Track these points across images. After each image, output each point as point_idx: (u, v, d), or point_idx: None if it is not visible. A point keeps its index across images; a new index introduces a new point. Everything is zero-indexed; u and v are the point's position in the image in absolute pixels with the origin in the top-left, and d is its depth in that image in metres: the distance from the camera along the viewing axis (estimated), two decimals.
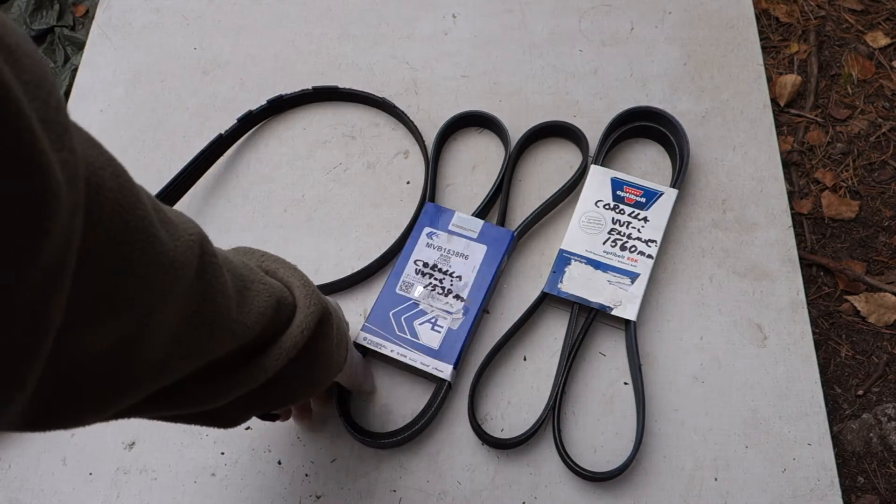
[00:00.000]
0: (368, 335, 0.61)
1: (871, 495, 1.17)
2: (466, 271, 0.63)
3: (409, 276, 0.63)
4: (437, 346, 0.60)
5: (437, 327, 0.61)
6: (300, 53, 0.78)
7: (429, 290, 0.62)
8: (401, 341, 0.60)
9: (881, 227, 1.39)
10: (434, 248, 0.64)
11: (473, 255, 0.64)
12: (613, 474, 0.57)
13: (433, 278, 0.63)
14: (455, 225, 0.65)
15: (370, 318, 0.62)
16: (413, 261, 0.63)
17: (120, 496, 0.59)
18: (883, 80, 1.52)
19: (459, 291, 0.62)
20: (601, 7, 0.80)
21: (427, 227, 0.65)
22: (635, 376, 0.61)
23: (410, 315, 0.61)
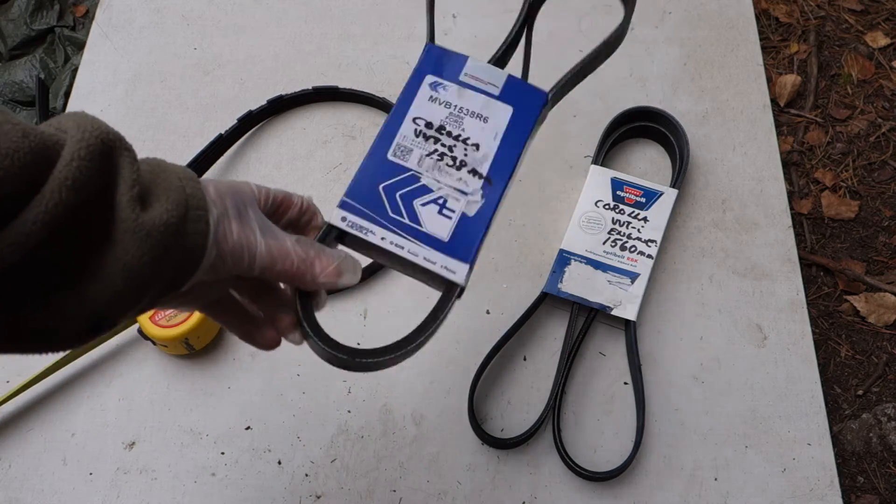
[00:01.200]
0: (349, 214, 0.43)
1: (871, 495, 1.17)
2: (486, 139, 0.47)
3: (407, 138, 0.46)
4: (447, 237, 0.44)
5: (446, 210, 0.45)
6: (300, 53, 0.78)
7: (434, 160, 0.46)
8: (396, 226, 0.43)
9: (881, 227, 1.39)
10: (440, 104, 0.47)
11: (495, 117, 0.48)
12: (613, 474, 0.57)
13: (440, 143, 0.46)
14: (469, 75, 0.48)
15: (351, 191, 0.44)
16: (412, 119, 0.46)
17: (120, 496, 0.59)
18: (883, 80, 1.52)
19: (477, 165, 0.46)
20: (601, 7, 0.80)
21: (430, 76, 0.48)
22: (635, 376, 0.61)
23: (408, 191, 0.45)
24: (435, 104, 0.47)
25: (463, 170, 0.46)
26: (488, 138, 0.47)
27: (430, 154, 0.45)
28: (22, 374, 0.62)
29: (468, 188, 0.45)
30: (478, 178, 0.46)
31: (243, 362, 0.63)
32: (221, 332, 0.64)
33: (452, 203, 0.45)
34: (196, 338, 0.61)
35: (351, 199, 0.44)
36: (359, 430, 0.61)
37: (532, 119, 0.48)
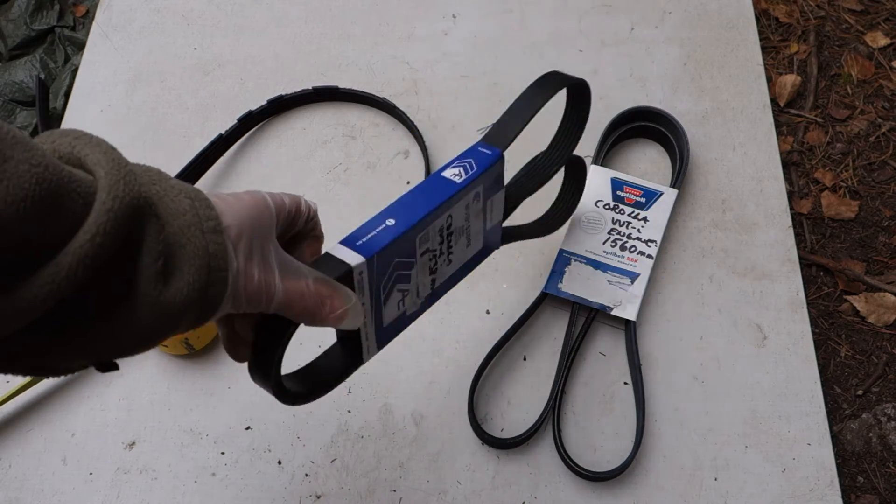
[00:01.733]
0: (366, 272, 0.43)
1: (871, 495, 1.17)
2: (456, 260, 0.51)
3: (434, 230, 0.47)
4: (386, 324, 0.47)
5: (401, 303, 0.47)
6: (300, 53, 0.78)
7: (427, 258, 0.47)
8: (375, 298, 0.44)
9: (881, 227, 1.39)
10: (464, 215, 0.49)
11: (474, 244, 0.52)
12: (613, 474, 0.57)
13: (440, 247, 0.48)
14: (491, 200, 0.51)
15: (382, 254, 0.43)
16: (448, 215, 0.47)
17: (120, 496, 0.59)
18: (882, 80, 1.52)
19: (437, 278, 0.50)
20: (601, 7, 0.80)
21: (482, 185, 0.49)
22: (635, 376, 0.61)
23: (400, 275, 0.46)
24: (464, 212, 0.48)
25: (432, 275, 0.48)
26: (457, 262, 0.50)
27: (428, 252, 0.47)
28: None
29: (421, 294, 0.48)
30: (430, 287, 0.49)
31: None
32: None
33: (408, 299, 0.47)
34: (196, 338, 0.61)
35: (376, 262, 0.43)
36: (359, 430, 0.61)
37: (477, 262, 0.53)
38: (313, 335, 0.64)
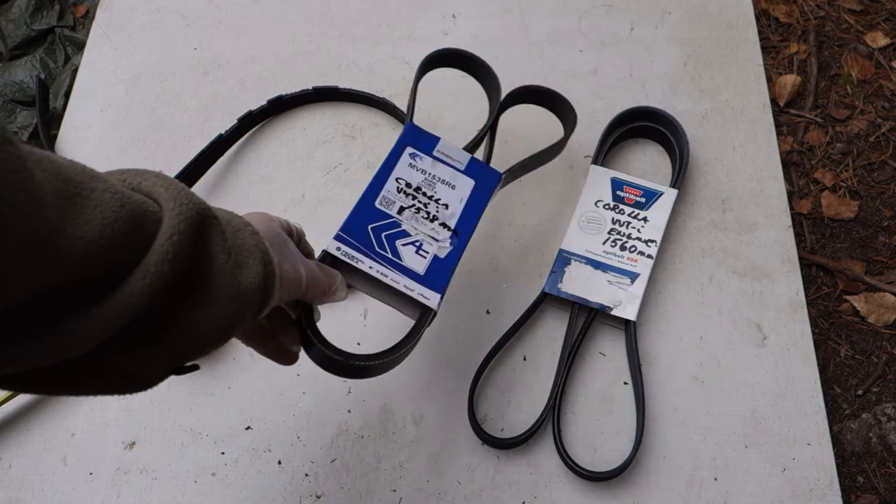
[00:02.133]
0: (343, 246, 0.52)
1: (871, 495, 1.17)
2: (453, 201, 0.57)
3: (391, 192, 0.56)
4: (423, 272, 0.53)
5: (422, 251, 0.54)
6: (300, 53, 0.78)
7: (412, 212, 0.56)
8: (382, 259, 0.53)
9: (881, 227, 1.39)
10: (417, 170, 0.58)
11: (461, 186, 0.58)
12: (613, 474, 0.57)
13: (417, 200, 0.57)
14: (440, 152, 0.59)
15: (345, 227, 0.53)
16: (395, 178, 0.57)
17: (120, 496, 0.59)
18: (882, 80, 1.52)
19: (447, 220, 0.56)
20: (601, 7, 0.80)
21: (410, 148, 0.59)
22: (635, 376, 0.61)
23: (392, 234, 0.54)
24: (413, 170, 0.58)
25: (435, 222, 0.56)
26: (455, 201, 0.58)
27: (409, 207, 0.56)
28: None
29: (439, 236, 0.56)
30: (447, 230, 0.56)
31: (243, 362, 0.63)
32: None
33: (427, 246, 0.55)
34: None
35: (345, 234, 0.53)
36: (359, 430, 0.61)
37: (490, 190, 0.59)
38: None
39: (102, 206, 0.30)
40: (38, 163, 0.28)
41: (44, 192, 0.28)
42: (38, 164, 0.28)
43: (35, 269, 0.27)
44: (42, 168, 0.28)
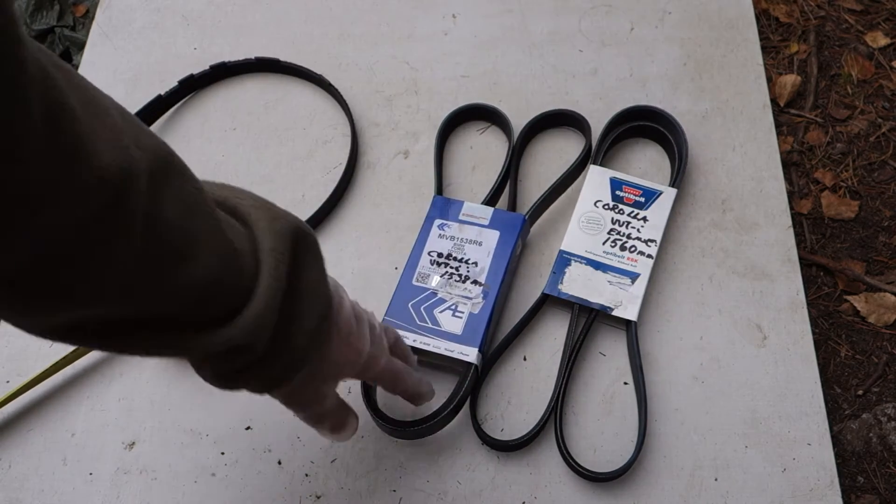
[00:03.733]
0: (389, 326, 0.60)
1: (871, 495, 1.17)
2: (482, 256, 0.63)
3: (425, 267, 0.63)
4: (461, 332, 0.60)
5: (458, 313, 0.61)
6: (300, 53, 0.78)
7: (445, 279, 0.62)
8: (423, 330, 0.60)
9: (881, 227, 1.39)
10: (447, 239, 0.64)
11: (487, 240, 0.64)
12: (616, 474, 0.57)
13: (449, 267, 0.63)
14: (465, 214, 0.65)
15: (389, 311, 0.61)
16: (427, 252, 0.64)
17: (120, 496, 0.59)
18: (883, 80, 1.52)
19: (477, 276, 0.62)
20: (601, 7, 0.80)
21: (438, 219, 0.65)
22: (636, 376, 0.61)
23: (430, 304, 0.61)
24: (443, 239, 0.65)
25: (467, 282, 0.62)
26: (483, 256, 0.63)
27: (443, 275, 0.63)
28: (22, 375, 0.62)
29: (472, 294, 0.62)
30: (478, 285, 0.62)
31: None
32: None
33: (461, 307, 0.61)
34: None
35: (390, 317, 0.61)
36: (359, 431, 0.61)
37: (515, 235, 0.64)
38: None
39: (192, 275, 0.33)
40: (151, 226, 0.31)
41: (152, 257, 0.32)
42: (150, 227, 0.31)
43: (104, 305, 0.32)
44: (151, 231, 0.31)
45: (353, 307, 0.46)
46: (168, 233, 0.32)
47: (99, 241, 0.29)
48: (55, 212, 0.27)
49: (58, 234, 0.27)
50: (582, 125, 0.70)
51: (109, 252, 0.29)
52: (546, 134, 0.73)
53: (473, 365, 0.59)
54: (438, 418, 0.57)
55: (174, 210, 0.32)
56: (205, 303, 0.35)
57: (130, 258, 0.30)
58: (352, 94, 0.75)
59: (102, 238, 0.29)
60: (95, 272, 0.30)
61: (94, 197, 0.28)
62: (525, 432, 0.59)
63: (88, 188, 0.27)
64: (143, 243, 0.31)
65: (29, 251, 0.27)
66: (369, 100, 0.75)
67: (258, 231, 0.38)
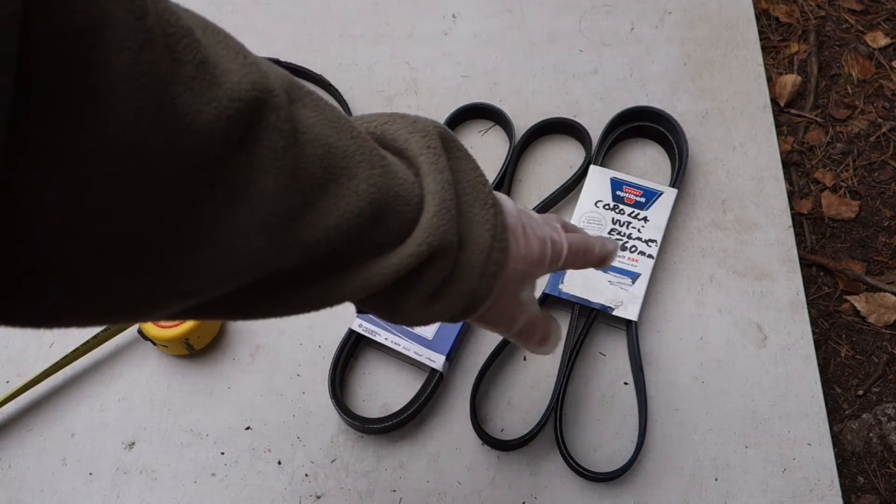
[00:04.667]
0: (364, 322, 0.61)
1: (871, 495, 1.17)
2: None
3: None
4: (431, 337, 0.61)
5: None
6: (300, 53, 0.78)
7: None
8: (395, 330, 0.61)
9: (881, 227, 1.39)
10: None
11: None
12: (616, 474, 0.57)
13: None
14: None
15: None
16: None
17: (120, 496, 0.59)
18: (883, 80, 1.52)
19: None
20: (601, 7, 0.80)
21: None
22: (637, 376, 0.61)
23: None
24: None
25: None
26: None
27: None
28: (22, 375, 0.62)
29: None
30: None
31: (243, 362, 0.63)
32: (221, 332, 0.64)
33: None
34: (196, 338, 0.61)
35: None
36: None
37: None
38: (314, 335, 0.64)
39: (351, 197, 0.29)
40: (308, 144, 0.28)
41: (300, 179, 0.27)
42: (308, 145, 0.28)
43: (264, 254, 0.27)
44: (309, 150, 0.28)
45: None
46: (322, 151, 0.28)
47: (243, 170, 0.25)
48: (197, 141, 0.23)
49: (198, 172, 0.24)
50: (582, 135, 0.70)
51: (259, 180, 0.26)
52: (546, 139, 0.73)
53: (439, 372, 0.60)
54: (399, 419, 0.58)
55: (319, 126, 0.29)
56: (380, 219, 0.31)
57: (283, 185, 0.26)
58: (352, 94, 0.75)
59: (248, 164, 0.25)
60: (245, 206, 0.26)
61: (235, 120, 0.24)
62: (524, 431, 0.59)
63: (222, 111, 0.24)
64: (293, 165, 0.27)
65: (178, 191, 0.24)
66: (369, 100, 0.75)
67: (402, 134, 0.34)
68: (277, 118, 0.26)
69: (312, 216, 0.28)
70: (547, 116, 0.72)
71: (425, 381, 0.61)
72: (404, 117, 0.35)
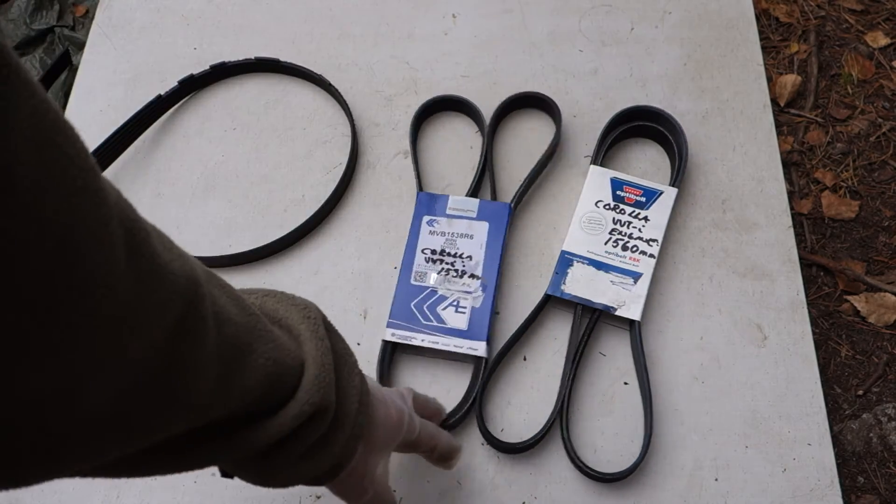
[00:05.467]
0: (395, 330, 0.61)
1: (871, 495, 1.17)
2: (475, 250, 0.64)
3: (421, 265, 0.64)
4: (466, 327, 0.61)
5: (460, 309, 0.62)
6: (300, 53, 0.78)
7: (443, 276, 0.63)
8: (430, 329, 0.61)
9: (881, 227, 1.39)
10: (438, 235, 0.65)
11: (477, 233, 0.65)
12: (624, 475, 0.57)
13: (444, 263, 0.64)
14: (452, 208, 0.66)
15: (393, 314, 0.62)
16: (420, 250, 0.64)
17: (120, 496, 0.59)
18: (883, 80, 1.52)
19: (473, 270, 0.63)
20: (601, 7, 0.80)
21: (426, 216, 0.66)
22: (641, 376, 0.61)
23: (432, 302, 0.62)
24: (434, 236, 0.65)
25: (465, 276, 0.63)
26: (476, 249, 0.64)
27: (439, 272, 0.63)
28: None
29: (471, 288, 0.63)
30: (475, 279, 0.63)
31: None
32: None
33: (463, 302, 0.62)
34: None
35: (394, 319, 0.62)
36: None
37: (504, 226, 0.65)
38: None
39: (254, 371, 0.33)
40: (225, 325, 0.31)
41: (221, 357, 0.31)
42: (225, 325, 0.31)
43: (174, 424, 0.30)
44: (225, 330, 0.31)
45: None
46: (233, 330, 0.31)
47: (180, 356, 0.28)
48: (142, 336, 0.26)
49: (146, 360, 0.26)
50: (550, 108, 0.72)
51: (192, 364, 0.29)
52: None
53: (483, 358, 0.60)
54: (459, 415, 0.58)
55: (232, 308, 0.32)
56: (270, 389, 0.34)
57: (210, 365, 0.30)
58: (352, 94, 0.75)
59: (184, 351, 0.28)
60: (181, 389, 0.29)
61: (172, 310, 0.27)
62: (524, 432, 0.59)
63: (166, 303, 0.26)
64: (216, 347, 0.30)
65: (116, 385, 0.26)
66: (369, 100, 0.75)
67: (282, 307, 0.38)
68: (204, 307, 0.29)
69: (221, 393, 0.31)
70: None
71: (473, 370, 0.61)
72: (281, 293, 0.40)
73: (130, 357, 0.26)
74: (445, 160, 0.72)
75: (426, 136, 0.73)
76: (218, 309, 0.30)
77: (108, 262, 0.23)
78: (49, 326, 0.22)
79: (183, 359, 0.28)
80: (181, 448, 0.33)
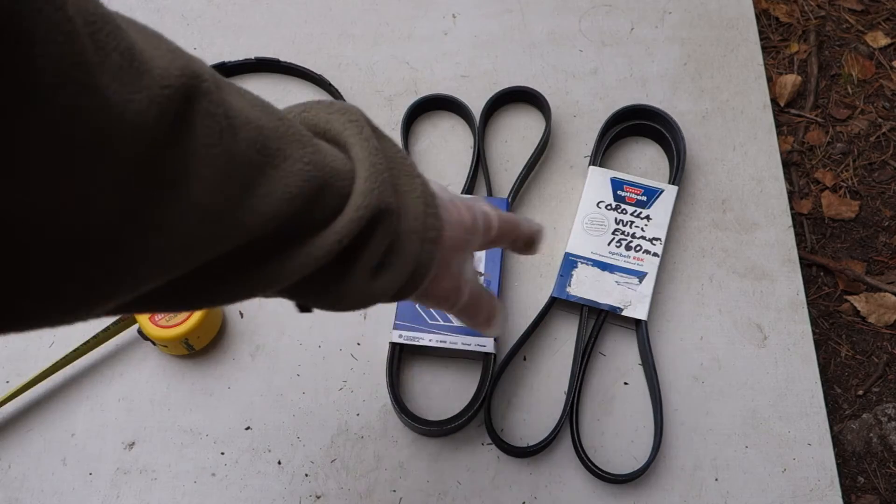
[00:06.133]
0: (402, 332, 0.61)
1: (871, 495, 1.17)
2: None
3: None
4: None
5: None
6: (300, 53, 0.78)
7: None
8: (437, 329, 0.61)
9: (881, 227, 1.39)
10: None
11: None
12: (633, 476, 0.57)
13: None
14: None
15: (399, 316, 0.62)
16: None
17: (120, 496, 0.59)
18: (883, 80, 1.52)
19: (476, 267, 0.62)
20: (601, 7, 0.80)
21: None
22: (650, 376, 0.61)
23: None
24: None
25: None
26: None
27: None
28: (22, 375, 0.62)
29: None
30: (479, 276, 0.58)
31: (243, 362, 0.63)
32: (221, 332, 0.64)
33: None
34: (196, 338, 0.61)
35: (400, 321, 0.61)
36: (359, 430, 0.61)
37: None
38: (314, 335, 0.64)
39: (288, 178, 0.29)
40: (241, 128, 0.27)
41: (237, 164, 0.27)
42: (241, 129, 0.27)
43: (208, 241, 0.27)
44: (243, 134, 0.27)
45: None
46: (255, 134, 0.28)
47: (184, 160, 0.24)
48: (127, 139, 0.22)
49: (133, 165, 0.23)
50: (540, 102, 0.72)
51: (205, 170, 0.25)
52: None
53: (492, 354, 0.60)
54: (468, 414, 0.58)
55: (249, 109, 0.28)
56: (315, 197, 0.30)
57: (231, 172, 0.26)
58: (352, 94, 0.75)
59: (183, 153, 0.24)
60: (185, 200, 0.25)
61: (166, 108, 0.23)
62: (524, 432, 0.59)
63: (153, 99, 0.23)
64: (233, 151, 0.26)
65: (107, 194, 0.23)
66: (369, 100, 0.75)
67: (322, 116, 0.35)
68: (209, 103, 0.25)
69: (253, 200, 0.28)
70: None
71: (483, 367, 0.61)
72: (319, 102, 0.36)
73: (122, 157, 0.22)
74: (442, 159, 0.72)
75: (422, 135, 0.73)
76: (230, 110, 0.27)
77: (71, 53, 0.20)
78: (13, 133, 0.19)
79: (186, 162, 0.25)
80: (227, 273, 0.30)
